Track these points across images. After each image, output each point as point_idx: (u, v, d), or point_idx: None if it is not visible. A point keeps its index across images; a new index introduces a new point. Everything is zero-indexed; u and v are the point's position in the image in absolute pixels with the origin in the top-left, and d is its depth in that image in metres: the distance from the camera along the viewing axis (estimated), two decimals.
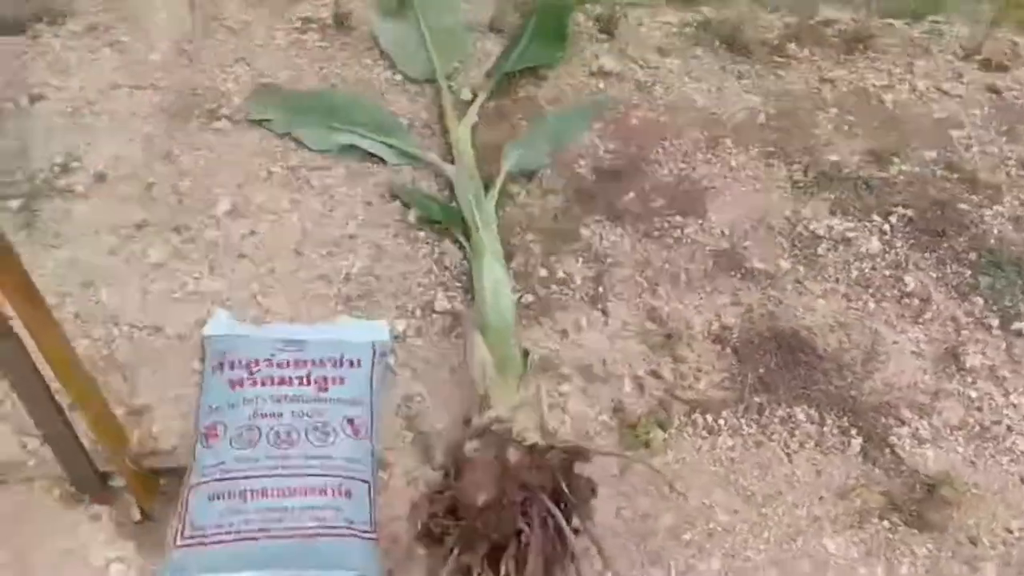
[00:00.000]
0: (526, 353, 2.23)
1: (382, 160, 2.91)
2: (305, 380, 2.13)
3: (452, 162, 2.88)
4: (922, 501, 2.23)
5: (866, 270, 2.81)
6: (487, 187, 2.76)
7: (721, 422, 2.37)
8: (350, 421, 2.08)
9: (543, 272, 2.65)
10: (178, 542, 1.85)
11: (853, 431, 2.38)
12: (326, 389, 2.13)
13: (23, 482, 2.00)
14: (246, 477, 1.91)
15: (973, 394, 2.51)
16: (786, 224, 2.93)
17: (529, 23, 3.41)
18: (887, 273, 2.81)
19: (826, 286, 2.76)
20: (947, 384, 2.53)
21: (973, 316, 2.71)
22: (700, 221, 2.90)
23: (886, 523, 2.20)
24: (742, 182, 3.06)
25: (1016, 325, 2.66)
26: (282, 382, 2.12)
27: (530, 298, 2.57)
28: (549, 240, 2.74)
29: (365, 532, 1.92)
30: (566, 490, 1.86)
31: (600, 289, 2.64)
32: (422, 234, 2.71)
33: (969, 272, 2.84)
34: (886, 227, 2.94)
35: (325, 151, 2.90)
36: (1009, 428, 2.42)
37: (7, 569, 1.88)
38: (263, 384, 2.10)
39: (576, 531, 1.92)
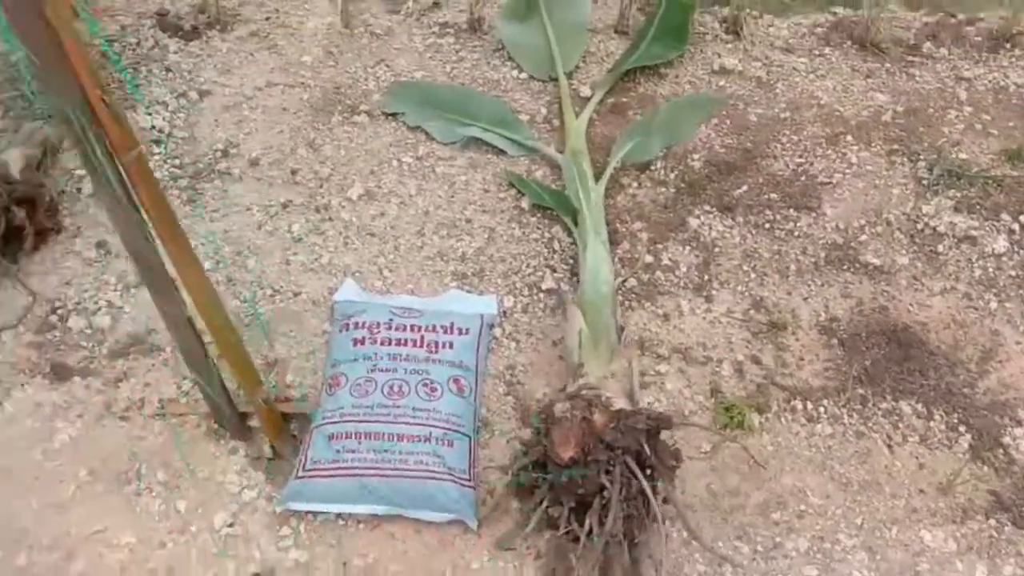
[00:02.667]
0: (622, 329, 2.32)
1: (502, 152, 3.09)
2: (418, 343, 2.33)
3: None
4: None
5: (990, 269, 2.71)
6: (599, 176, 2.88)
7: (821, 410, 2.36)
8: (455, 381, 2.25)
9: (649, 258, 2.73)
10: (299, 474, 2.09)
11: (962, 428, 2.32)
12: (436, 351, 2.31)
13: (177, 416, 2.31)
14: (360, 421, 2.12)
15: None
16: (906, 220, 2.86)
17: (652, 22, 3.50)
18: (1013, 273, 2.70)
19: (945, 284, 2.68)
20: None
21: None
22: (814, 215, 2.88)
23: (992, 521, 2.13)
24: (861, 177, 3.01)
25: None
26: (398, 343, 2.32)
27: (634, 282, 2.66)
28: (656, 229, 2.82)
29: (463, 480, 2.08)
30: (650, 455, 1.93)
31: (705, 277, 2.69)
32: (534, 219, 2.86)
33: None
34: (1015, 227, 2.81)
35: (451, 143, 3.11)
36: None
37: (162, 487, 2.18)
38: (381, 344, 2.31)
39: (663, 499, 2.00)
